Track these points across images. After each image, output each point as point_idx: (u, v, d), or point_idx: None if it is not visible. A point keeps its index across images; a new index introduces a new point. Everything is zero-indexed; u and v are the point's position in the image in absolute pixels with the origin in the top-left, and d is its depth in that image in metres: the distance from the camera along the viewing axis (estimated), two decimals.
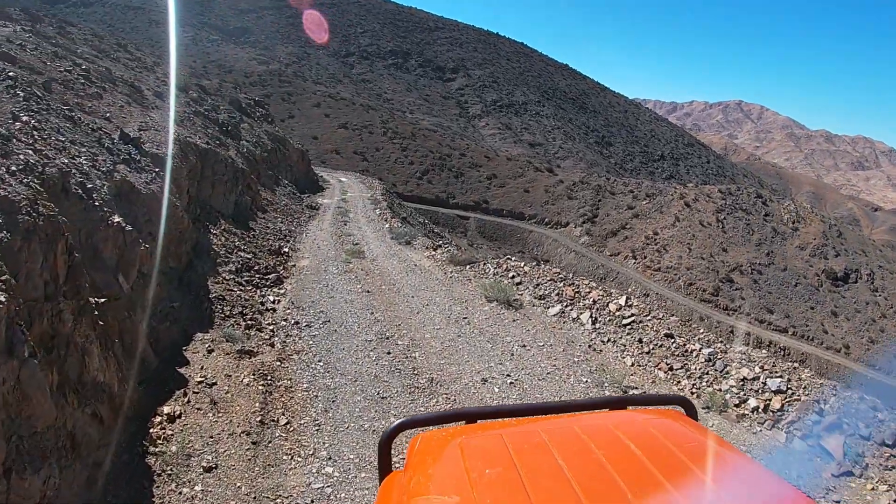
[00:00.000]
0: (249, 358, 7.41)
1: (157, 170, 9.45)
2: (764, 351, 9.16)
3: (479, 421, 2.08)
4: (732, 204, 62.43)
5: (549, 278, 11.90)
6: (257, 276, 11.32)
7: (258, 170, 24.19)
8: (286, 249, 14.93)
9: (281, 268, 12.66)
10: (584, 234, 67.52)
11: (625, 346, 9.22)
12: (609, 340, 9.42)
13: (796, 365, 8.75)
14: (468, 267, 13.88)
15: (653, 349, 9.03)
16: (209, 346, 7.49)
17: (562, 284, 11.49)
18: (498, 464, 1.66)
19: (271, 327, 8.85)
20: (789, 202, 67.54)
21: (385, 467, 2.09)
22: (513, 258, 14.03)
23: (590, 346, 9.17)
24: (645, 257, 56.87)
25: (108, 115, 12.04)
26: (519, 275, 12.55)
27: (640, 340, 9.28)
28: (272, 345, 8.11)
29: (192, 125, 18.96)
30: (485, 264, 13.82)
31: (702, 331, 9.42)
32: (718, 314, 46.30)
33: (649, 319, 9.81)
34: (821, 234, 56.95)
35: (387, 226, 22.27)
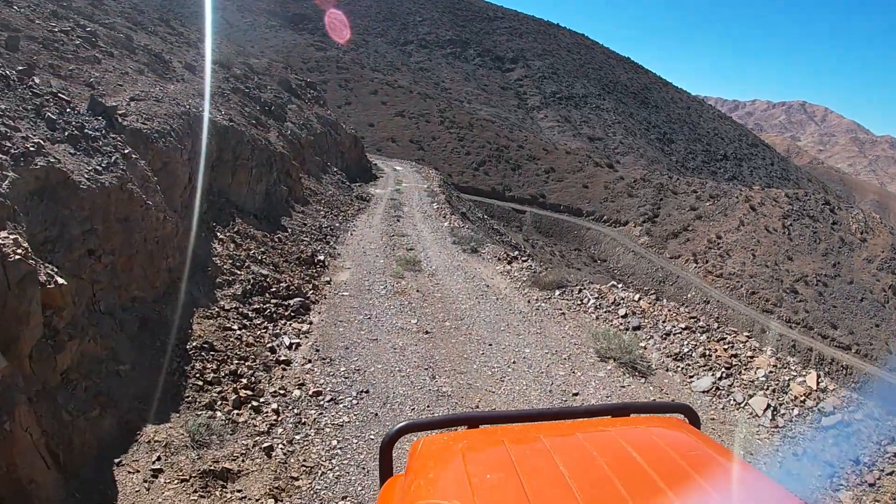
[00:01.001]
0: (222, 487, 4.16)
1: (125, 150, 6.35)
2: None
3: (481, 426, 1.97)
4: (799, 210, 58.31)
5: (682, 325, 8.17)
6: (273, 301, 8.15)
7: (303, 155, 21.30)
8: (322, 257, 11.79)
9: (309, 287, 9.46)
10: (644, 234, 64.58)
11: (833, 467, 5.51)
12: (805, 453, 5.72)
13: None
14: (557, 293, 10.35)
15: (880, 480, 5.29)
16: (159, 456, 4.28)
17: (704, 338, 7.75)
18: (499, 469, 1.58)
19: (276, 403, 5.59)
20: (858, 211, 61.96)
21: (386, 471, 1.98)
22: (619, 285, 10.37)
23: (780, 465, 5.52)
24: (707, 262, 54.78)
25: (92, 80, 9.12)
26: (634, 313, 8.88)
27: (857, 460, 5.55)
28: (270, 450, 4.79)
29: (224, 101, 16.17)
30: (580, 290, 10.24)
31: None
32: (781, 326, 43.31)
33: (860, 420, 6.03)
34: (889, 247, 53.45)
35: (446, 224, 18.94)
